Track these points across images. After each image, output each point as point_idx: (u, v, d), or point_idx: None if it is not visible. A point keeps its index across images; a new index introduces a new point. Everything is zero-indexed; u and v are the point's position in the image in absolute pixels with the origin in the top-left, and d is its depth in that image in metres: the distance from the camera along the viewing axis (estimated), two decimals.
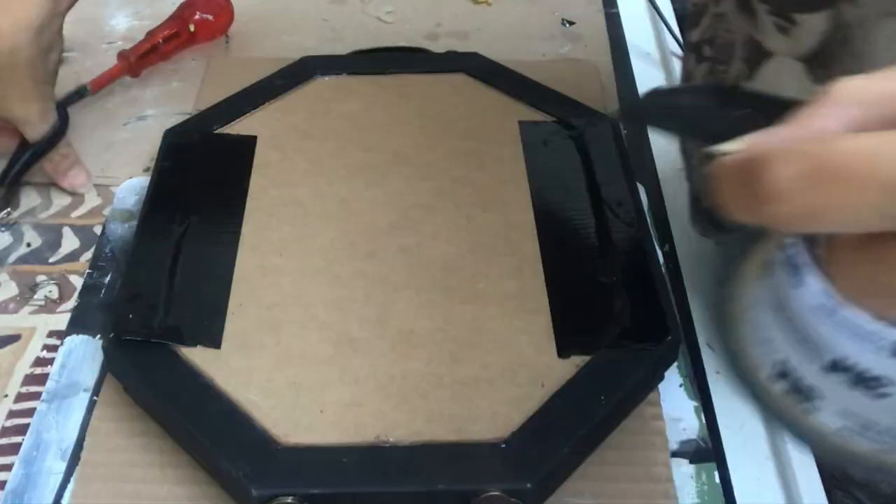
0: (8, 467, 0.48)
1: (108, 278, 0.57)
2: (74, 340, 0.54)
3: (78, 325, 0.55)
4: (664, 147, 0.67)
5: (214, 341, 0.48)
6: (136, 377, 0.47)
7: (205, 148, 0.60)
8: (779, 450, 0.50)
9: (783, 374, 0.30)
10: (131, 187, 0.63)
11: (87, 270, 0.57)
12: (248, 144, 0.60)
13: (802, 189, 0.21)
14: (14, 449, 0.49)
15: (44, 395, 0.51)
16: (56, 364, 0.52)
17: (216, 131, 0.61)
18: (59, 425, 0.50)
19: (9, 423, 0.50)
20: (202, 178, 0.58)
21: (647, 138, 0.68)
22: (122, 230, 0.60)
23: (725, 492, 0.48)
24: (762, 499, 0.48)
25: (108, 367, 0.51)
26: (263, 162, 0.59)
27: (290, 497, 0.42)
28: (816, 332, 0.28)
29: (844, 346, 0.27)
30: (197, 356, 0.47)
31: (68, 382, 0.52)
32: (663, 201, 0.64)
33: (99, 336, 0.54)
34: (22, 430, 0.50)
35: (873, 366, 0.26)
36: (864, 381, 0.27)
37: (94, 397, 0.51)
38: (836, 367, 0.28)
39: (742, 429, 0.51)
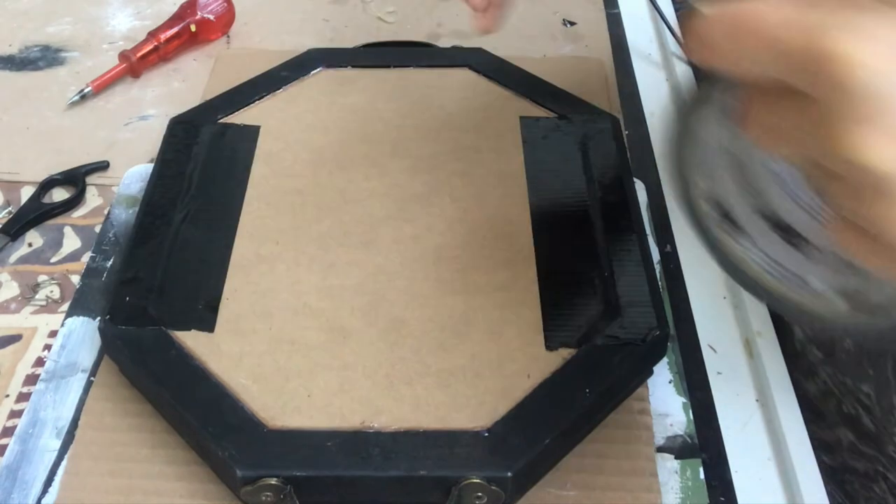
0: None
1: (110, 262, 0.58)
2: (75, 322, 0.55)
3: (79, 306, 0.56)
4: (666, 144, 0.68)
5: (208, 325, 0.49)
6: (130, 358, 0.48)
7: (209, 136, 0.60)
8: (780, 450, 0.50)
9: (719, 205, 0.34)
10: (137, 174, 0.64)
11: (91, 254, 0.59)
12: (251, 134, 0.61)
13: (724, 39, 0.28)
14: None
15: (42, 375, 0.52)
16: (56, 345, 0.53)
17: (220, 120, 0.62)
18: (56, 404, 0.51)
19: (10, 423, 0.50)
20: (205, 166, 0.58)
21: (649, 138, 0.68)
22: (126, 215, 0.61)
23: (726, 492, 0.48)
24: (763, 499, 0.48)
25: (104, 349, 0.52)
26: (266, 151, 0.60)
27: (275, 478, 0.43)
28: (752, 175, 0.33)
29: (771, 193, 0.33)
30: (190, 339, 0.48)
31: (67, 363, 0.53)
32: (664, 201, 0.64)
33: (98, 318, 0.55)
34: None
35: (789, 216, 0.31)
36: (782, 228, 0.32)
37: (92, 378, 0.52)
38: (763, 211, 0.33)
39: (744, 429, 0.51)
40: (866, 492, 0.59)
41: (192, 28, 0.74)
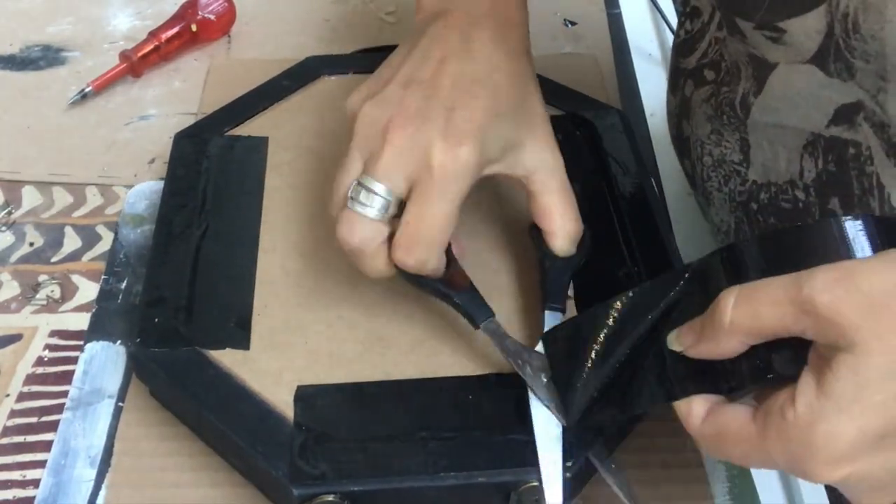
0: (9, 467, 0.48)
1: (124, 283, 0.57)
2: (95, 347, 0.53)
3: (97, 331, 0.54)
4: (666, 144, 0.68)
5: (243, 343, 0.48)
6: (165, 382, 0.47)
7: (217, 150, 0.59)
8: None
9: None
10: (141, 192, 0.63)
11: (104, 276, 0.57)
12: (260, 145, 0.60)
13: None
14: (17, 448, 0.49)
15: (68, 403, 0.51)
16: (78, 371, 0.52)
17: (227, 133, 0.61)
18: (85, 432, 0.49)
19: (10, 423, 0.50)
20: (217, 180, 0.57)
21: (650, 137, 0.68)
22: (134, 235, 0.60)
23: None
24: (763, 499, 0.48)
25: (135, 373, 0.50)
26: (276, 162, 0.59)
27: (332, 495, 0.42)
28: None
29: None
30: (226, 358, 0.47)
31: (91, 389, 0.51)
32: (665, 199, 0.64)
33: (119, 342, 0.53)
34: (24, 429, 0.49)
35: None
36: None
37: (120, 403, 0.50)
38: None
39: None
40: None
41: (193, 28, 0.73)
